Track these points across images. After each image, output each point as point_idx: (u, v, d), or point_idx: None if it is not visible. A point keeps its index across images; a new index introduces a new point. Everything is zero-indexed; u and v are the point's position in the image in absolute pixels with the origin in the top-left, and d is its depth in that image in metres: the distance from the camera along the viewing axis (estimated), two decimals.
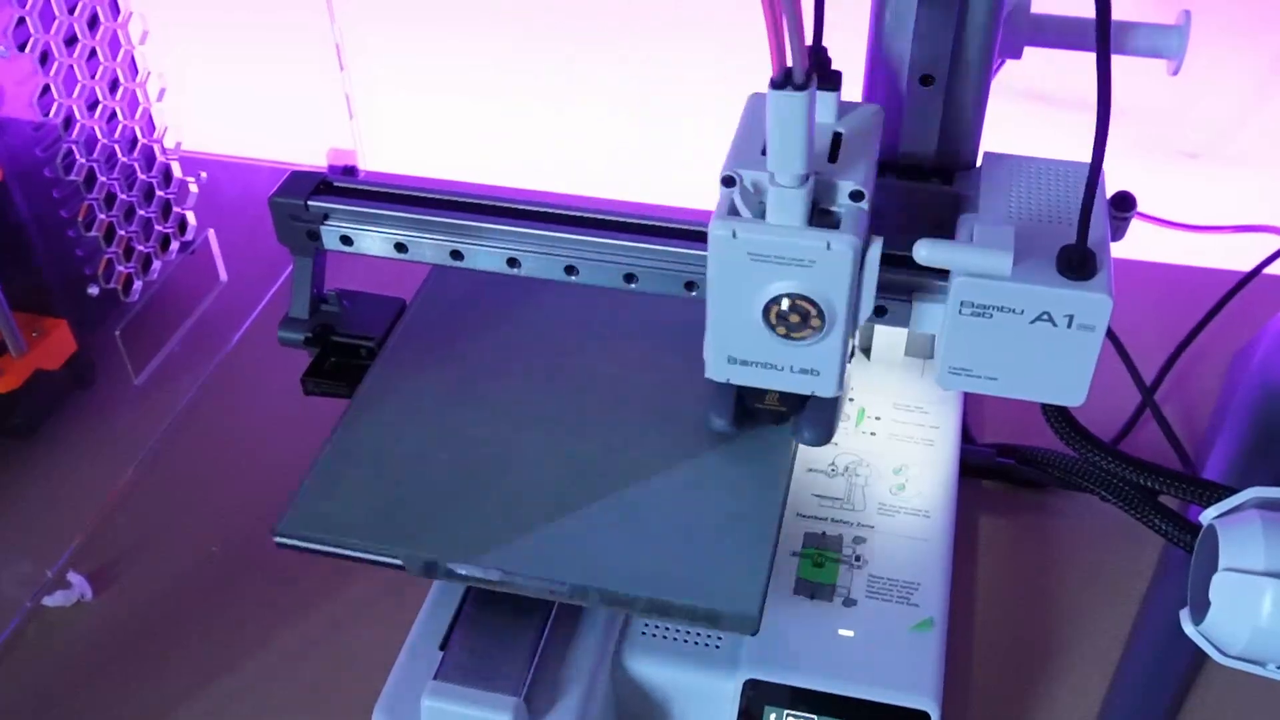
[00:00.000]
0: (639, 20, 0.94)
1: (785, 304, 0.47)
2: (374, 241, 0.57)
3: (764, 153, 0.46)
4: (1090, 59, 0.52)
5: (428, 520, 0.52)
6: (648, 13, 0.94)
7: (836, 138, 0.49)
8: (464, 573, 0.51)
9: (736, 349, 0.50)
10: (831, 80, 0.49)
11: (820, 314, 0.47)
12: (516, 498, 0.53)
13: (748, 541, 0.51)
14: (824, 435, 0.54)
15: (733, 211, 0.47)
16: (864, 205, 0.47)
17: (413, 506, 0.53)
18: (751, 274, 0.47)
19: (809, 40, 0.45)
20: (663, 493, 0.53)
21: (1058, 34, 0.56)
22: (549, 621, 0.54)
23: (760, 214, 0.46)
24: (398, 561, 0.51)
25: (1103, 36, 0.44)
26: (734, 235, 0.46)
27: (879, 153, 0.50)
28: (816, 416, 0.54)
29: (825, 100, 0.49)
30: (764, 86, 0.43)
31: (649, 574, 0.50)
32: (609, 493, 0.53)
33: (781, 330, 0.48)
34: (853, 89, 0.59)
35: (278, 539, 0.53)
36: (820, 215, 0.47)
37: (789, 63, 0.42)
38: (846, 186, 0.47)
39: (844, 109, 0.50)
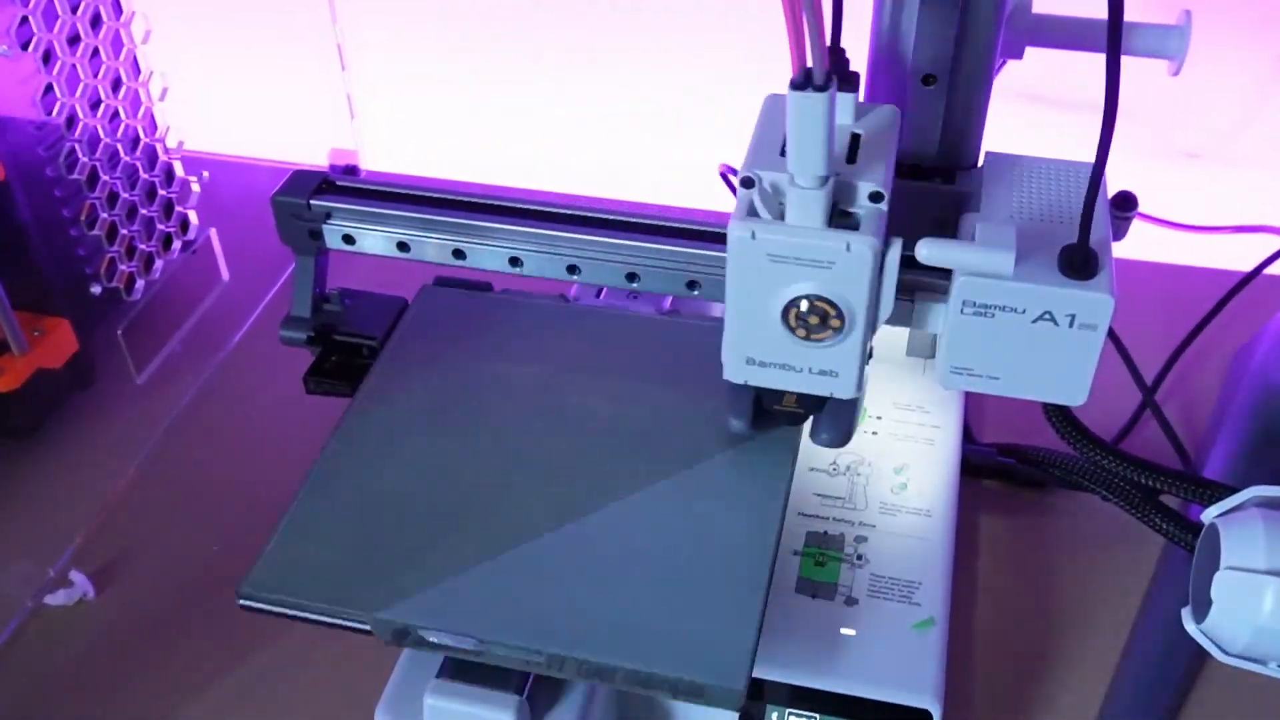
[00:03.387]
0: (639, 20, 0.94)
1: (804, 305, 0.47)
2: (376, 241, 0.57)
3: (783, 154, 0.45)
4: (1092, 59, 0.53)
5: (401, 580, 0.50)
6: (648, 13, 0.94)
7: (855, 139, 0.48)
8: (436, 641, 0.48)
9: (755, 350, 0.50)
10: (850, 81, 0.49)
11: (840, 315, 0.47)
12: (496, 551, 0.51)
13: (737, 604, 0.49)
14: (842, 437, 0.54)
15: (752, 213, 0.47)
16: (883, 206, 0.47)
17: (385, 564, 0.50)
18: (771, 275, 0.47)
19: (828, 41, 0.45)
20: (650, 545, 0.51)
21: (1059, 34, 0.56)
22: None
23: (779, 215, 0.46)
24: (366, 627, 0.49)
25: (1114, 37, 0.44)
26: (753, 236, 0.46)
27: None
28: (834, 418, 0.53)
29: (844, 101, 0.48)
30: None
31: (631, 641, 0.48)
32: (593, 546, 0.51)
33: (800, 332, 0.48)
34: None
35: (240, 602, 0.50)
36: (839, 216, 0.46)
37: (809, 63, 0.41)
38: (866, 188, 0.46)
39: (861, 110, 0.50)
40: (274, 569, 0.51)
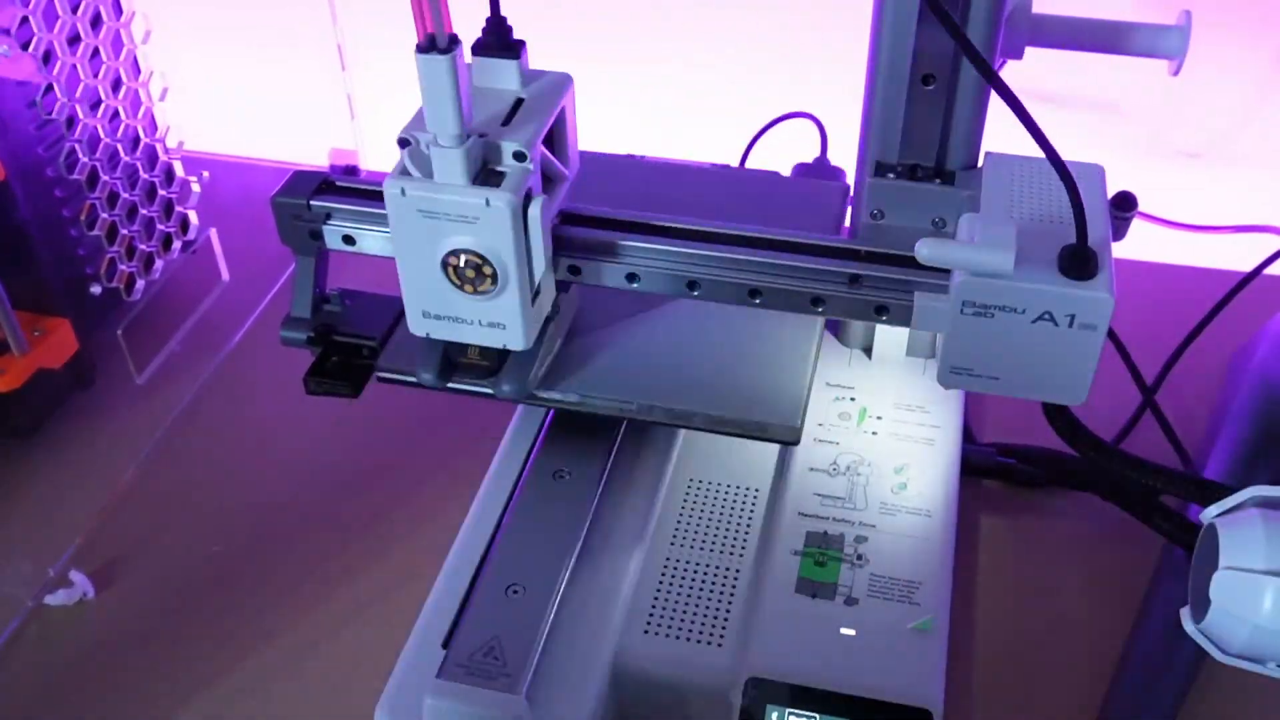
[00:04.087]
0: (639, 20, 0.94)
1: (462, 260, 0.50)
2: (376, 241, 0.57)
3: None
4: (1092, 59, 0.53)
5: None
6: (648, 13, 0.94)
7: (518, 103, 0.52)
8: (546, 396, 0.56)
9: (428, 304, 0.53)
10: (512, 49, 0.52)
11: (493, 269, 0.50)
12: (591, 327, 0.59)
13: (789, 368, 0.57)
14: (520, 388, 0.56)
15: (404, 172, 0.50)
16: (528, 165, 0.50)
17: (446, 375, 0.56)
18: (426, 231, 0.50)
19: (489, 14, 0.51)
20: (716, 341, 0.59)
21: (1059, 34, 0.56)
22: (552, 619, 0.54)
23: (430, 174, 0.50)
24: (488, 390, 0.56)
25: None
26: (403, 193, 0.50)
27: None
28: (514, 370, 0.57)
29: (508, 68, 0.52)
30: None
31: (707, 392, 0.56)
32: (672, 323, 0.59)
33: (461, 284, 0.51)
34: (854, 89, 0.59)
35: (379, 374, 0.57)
36: (491, 175, 0.50)
37: (431, 28, 0.46)
38: (510, 147, 0.50)
39: (532, 77, 0.53)
40: (403, 346, 0.57)
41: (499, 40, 0.52)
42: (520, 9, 0.52)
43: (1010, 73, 0.59)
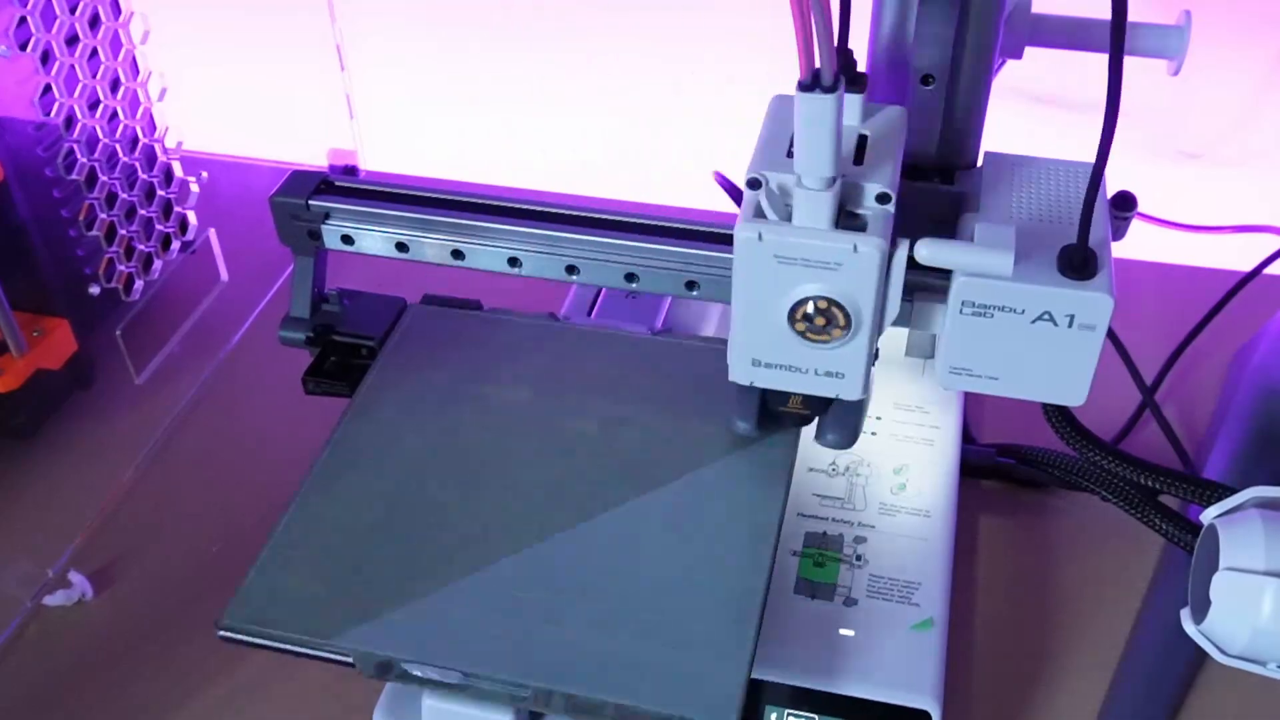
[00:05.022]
0: (639, 21, 0.94)
1: (811, 307, 0.47)
2: (375, 241, 0.57)
3: (789, 155, 0.46)
4: (1091, 59, 0.53)
5: (385, 611, 0.49)
6: (648, 13, 0.94)
7: (862, 140, 0.48)
8: (420, 674, 0.48)
9: (761, 352, 0.50)
10: (858, 82, 0.49)
11: (846, 317, 0.47)
12: (482, 581, 0.50)
13: (728, 638, 0.48)
14: (848, 439, 0.53)
15: (758, 214, 0.46)
16: (890, 208, 0.47)
17: (368, 595, 0.50)
18: (778, 276, 0.47)
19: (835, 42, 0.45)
20: (641, 575, 0.51)
21: (1059, 34, 0.56)
22: None
23: (786, 217, 0.46)
24: (349, 660, 0.48)
25: (1118, 37, 0.44)
26: (760, 238, 0.46)
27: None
28: (840, 420, 0.53)
29: (851, 102, 0.48)
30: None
31: (620, 675, 0.47)
32: (582, 575, 0.51)
33: (807, 333, 0.48)
34: None
35: (220, 634, 0.50)
36: (846, 218, 0.47)
37: (818, 64, 0.41)
38: (873, 189, 0.46)
39: (868, 110, 0.50)
40: (254, 600, 0.50)
41: (847, 74, 0.49)
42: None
43: (1010, 73, 0.60)
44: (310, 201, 0.57)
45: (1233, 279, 0.77)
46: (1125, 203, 0.53)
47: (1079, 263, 0.47)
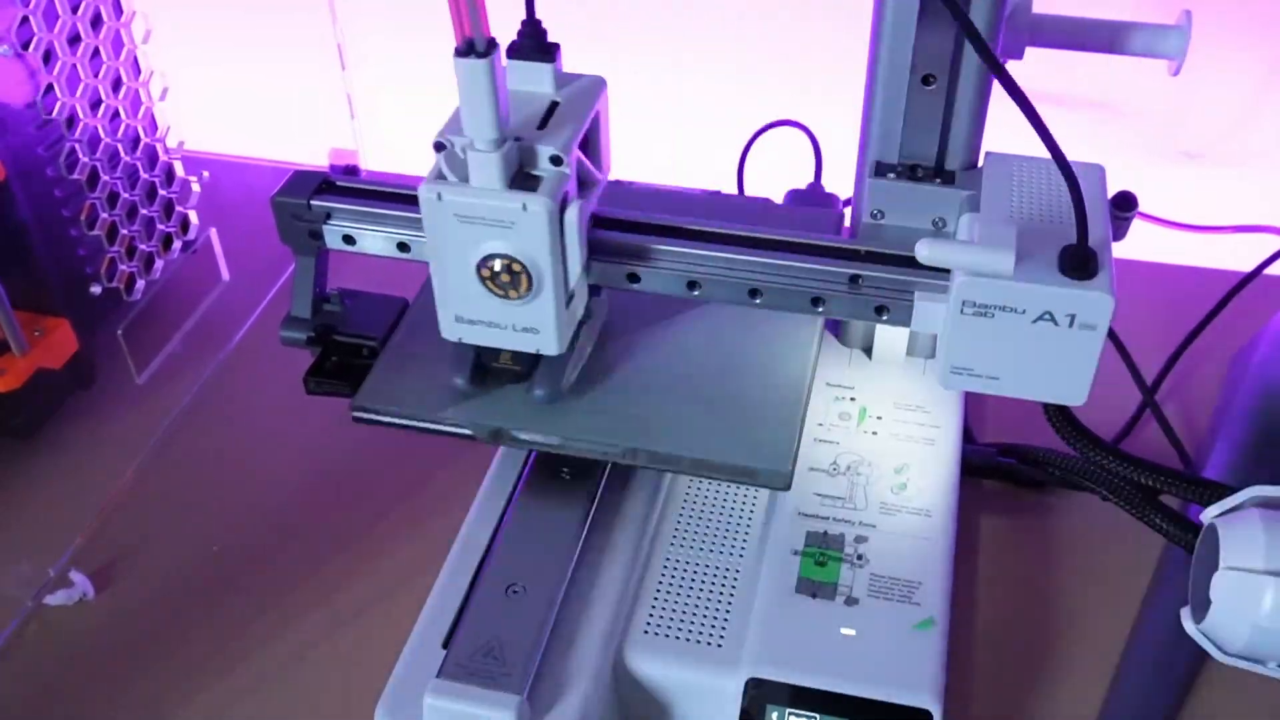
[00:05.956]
0: (639, 21, 0.94)
1: (498, 265, 0.50)
2: (376, 241, 0.57)
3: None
4: (1092, 59, 0.53)
5: (495, 392, 0.56)
6: (648, 13, 0.94)
7: (552, 106, 0.51)
8: (526, 438, 0.55)
9: (462, 309, 0.53)
10: (547, 52, 0.52)
11: (528, 273, 0.50)
12: (576, 368, 0.57)
13: (780, 409, 0.56)
14: (553, 392, 0.56)
15: (440, 176, 0.50)
16: (565, 170, 0.49)
17: (479, 380, 0.57)
18: (461, 235, 0.50)
19: (524, 15, 0.51)
20: (705, 370, 0.58)
21: (1059, 34, 0.56)
22: (552, 620, 0.54)
23: (465, 178, 0.49)
24: (466, 431, 0.55)
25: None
26: (439, 198, 0.49)
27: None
28: (547, 374, 0.56)
29: (542, 71, 0.52)
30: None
31: (694, 437, 0.55)
32: (660, 365, 0.58)
33: (496, 289, 0.51)
34: (854, 89, 0.59)
35: (354, 413, 0.56)
36: (526, 179, 0.49)
37: (469, 32, 0.45)
38: (547, 151, 0.49)
39: (566, 79, 0.52)
40: (381, 385, 0.57)
41: (534, 43, 0.52)
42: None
43: (1011, 73, 0.59)
44: (311, 201, 0.57)
45: (1233, 279, 0.77)
46: (1125, 203, 0.53)
47: (1079, 262, 0.47)
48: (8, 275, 0.70)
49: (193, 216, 0.85)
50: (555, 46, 0.52)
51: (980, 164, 0.56)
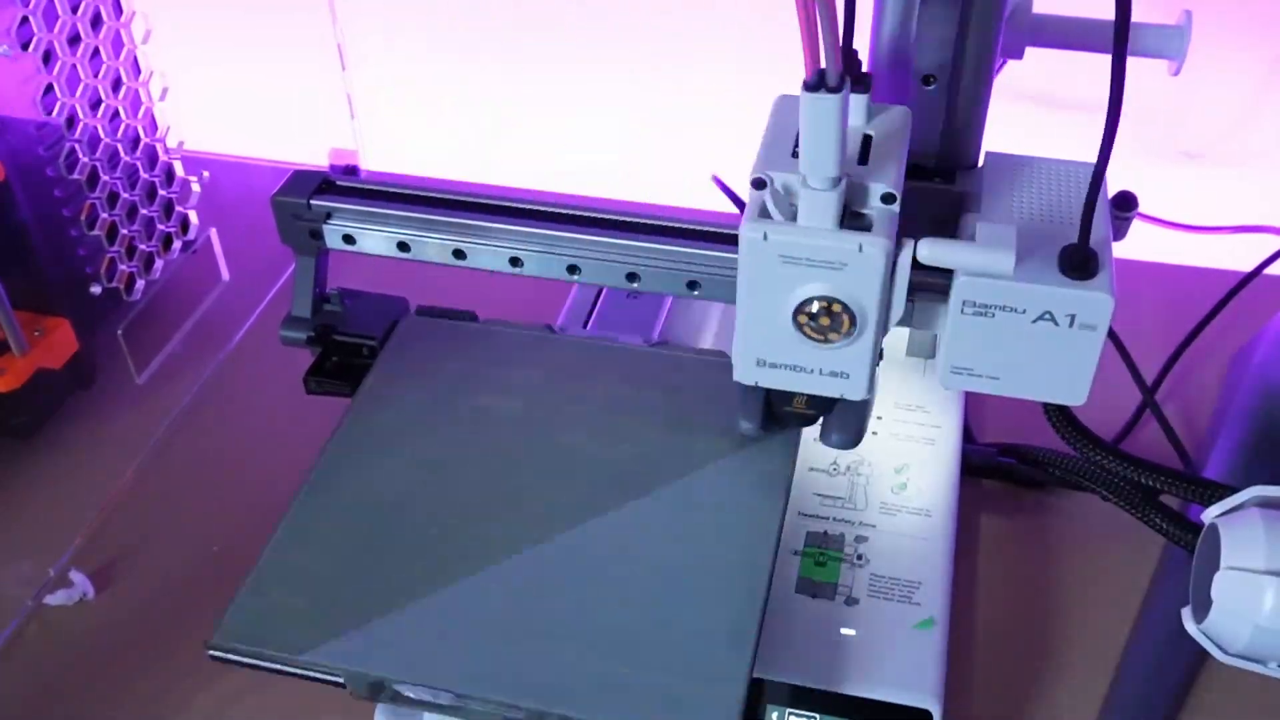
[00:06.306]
0: (639, 21, 0.94)
1: (816, 307, 0.47)
2: (376, 241, 0.57)
3: (794, 155, 0.46)
4: (1092, 59, 0.53)
5: (376, 630, 0.49)
6: (649, 14, 0.94)
7: (866, 140, 0.48)
8: (413, 695, 0.47)
9: (765, 351, 0.50)
10: (863, 82, 0.49)
11: (851, 317, 0.47)
12: (476, 599, 0.50)
13: (725, 660, 0.47)
14: (852, 439, 0.53)
15: (764, 214, 0.47)
16: (894, 208, 0.47)
17: (360, 614, 0.49)
18: (782, 276, 0.47)
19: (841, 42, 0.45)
20: (636, 592, 0.50)
21: (1060, 34, 0.56)
22: None
23: (791, 216, 0.46)
24: (339, 680, 0.48)
25: (1121, 36, 0.44)
26: (765, 238, 0.46)
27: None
28: (844, 419, 0.53)
29: (856, 102, 0.48)
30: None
31: (615, 697, 0.46)
32: (578, 592, 0.50)
33: (812, 333, 0.48)
34: None
35: (210, 653, 0.49)
36: (851, 218, 0.47)
37: (823, 64, 0.41)
38: (878, 189, 0.47)
39: (873, 110, 0.50)
40: (244, 619, 0.49)
41: (852, 74, 0.49)
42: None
43: (1010, 73, 0.60)
44: (311, 201, 0.57)
45: (1233, 279, 0.77)
46: (1126, 203, 0.53)
47: (1080, 262, 0.47)
48: (8, 275, 0.70)
49: (193, 216, 0.85)
50: (869, 77, 0.49)
51: (981, 164, 0.56)
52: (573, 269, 0.56)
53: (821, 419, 0.54)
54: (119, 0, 0.76)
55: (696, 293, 0.55)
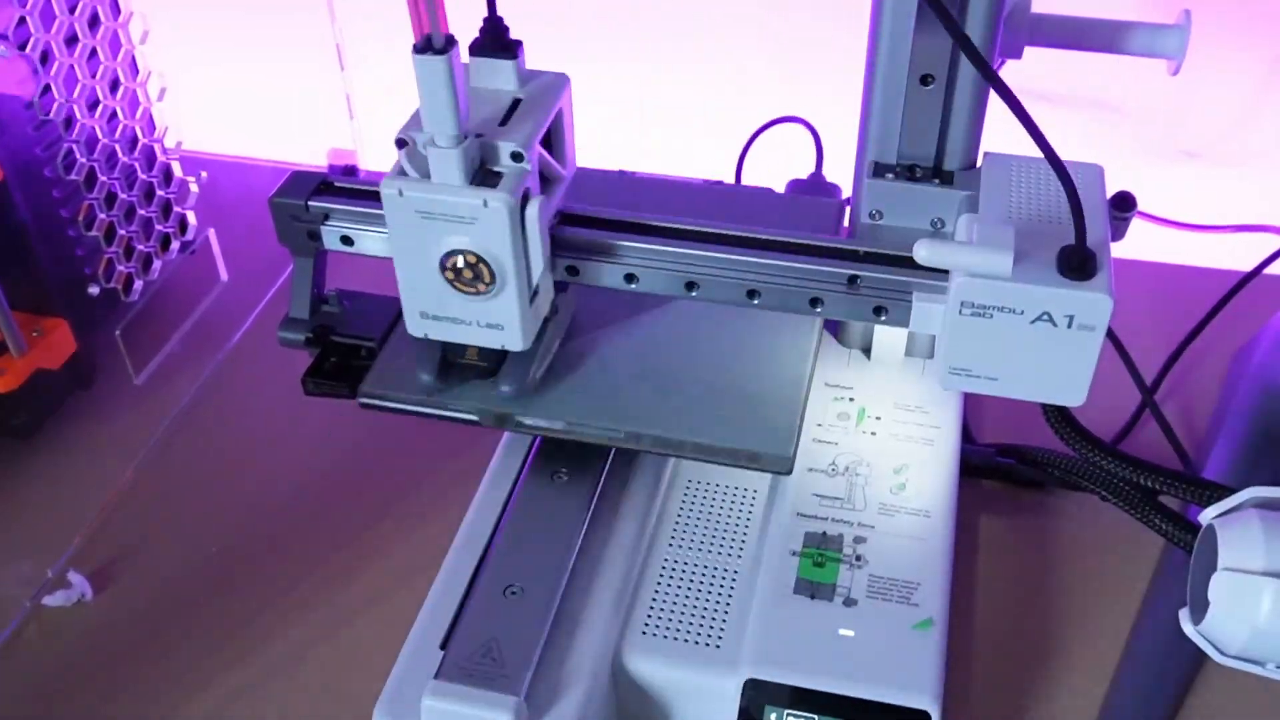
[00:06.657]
0: (639, 21, 0.94)
1: (461, 260, 0.50)
2: (374, 242, 0.57)
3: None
4: (1092, 59, 0.53)
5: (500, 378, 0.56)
6: (649, 14, 0.94)
7: (515, 103, 0.52)
8: (531, 423, 0.56)
9: (426, 305, 0.53)
10: (509, 49, 0.52)
11: (490, 270, 0.50)
12: (582, 352, 0.59)
13: (781, 395, 0.57)
14: (520, 387, 0.57)
15: (401, 173, 0.50)
16: (525, 165, 0.50)
17: (445, 376, 0.57)
18: (424, 232, 0.50)
19: (485, 13, 0.51)
20: (705, 359, 0.59)
21: (1058, 34, 0.56)
22: (550, 621, 0.54)
23: (427, 175, 0.50)
24: (473, 416, 0.56)
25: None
26: (400, 194, 0.50)
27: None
28: (513, 370, 0.57)
29: (505, 68, 0.52)
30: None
31: (696, 422, 0.56)
32: (664, 352, 0.59)
33: (462, 286, 0.51)
34: (853, 88, 0.59)
35: (361, 400, 0.57)
36: (488, 176, 0.50)
37: (428, 29, 0.46)
38: (508, 147, 0.50)
39: (530, 76, 0.53)
40: (388, 371, 0.58)
41: (495, 40, 0.52)
42: (512, 11, 0.52)
43: (1010, 72, 0.59)
44: (310, 202, 0.57)
45: (1233, 279, 0.77)
46: (1125, 203, 0.53)
47: (1078, 263, 0.47)
48: (6, 276, 0.70)
49: (191, 217, 0.85)
50: (517, 44, 0.52)
51: (979, 164, 0.56)
52: (572, 270, 0.56)
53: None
54: (116, 0, 0.76)
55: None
